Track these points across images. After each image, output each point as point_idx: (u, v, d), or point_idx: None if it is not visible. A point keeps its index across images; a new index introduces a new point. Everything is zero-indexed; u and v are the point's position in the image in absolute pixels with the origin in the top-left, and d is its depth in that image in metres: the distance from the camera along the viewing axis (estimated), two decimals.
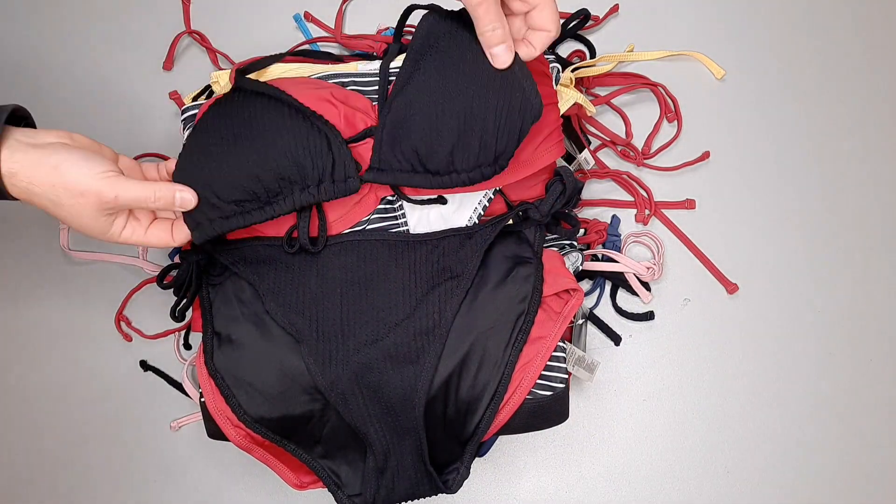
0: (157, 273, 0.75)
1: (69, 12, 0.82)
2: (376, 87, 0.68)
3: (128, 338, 0.75)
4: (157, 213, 0.60)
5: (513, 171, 0.62)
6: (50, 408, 0.75)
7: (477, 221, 0.66)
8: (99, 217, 0.54)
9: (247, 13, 0.82)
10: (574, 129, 0.75)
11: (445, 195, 0.64)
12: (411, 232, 0.65)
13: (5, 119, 0.52)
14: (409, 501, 0.64)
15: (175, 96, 0.78)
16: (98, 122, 0.79)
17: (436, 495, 0.63)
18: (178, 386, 0.74)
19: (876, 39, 0.80)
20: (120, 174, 0.55)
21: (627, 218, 0.76)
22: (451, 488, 0.63)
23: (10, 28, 0.82)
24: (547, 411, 0.64)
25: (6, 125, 0.52)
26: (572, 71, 0.74)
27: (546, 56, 0.68)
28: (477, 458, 0.69)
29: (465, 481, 0.71)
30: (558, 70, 0.68)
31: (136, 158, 0.77)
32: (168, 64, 0.80)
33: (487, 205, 0.66)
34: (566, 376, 0.65)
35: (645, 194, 0.76)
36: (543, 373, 0.63)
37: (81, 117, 0.79)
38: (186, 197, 0.57)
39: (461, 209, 0.65)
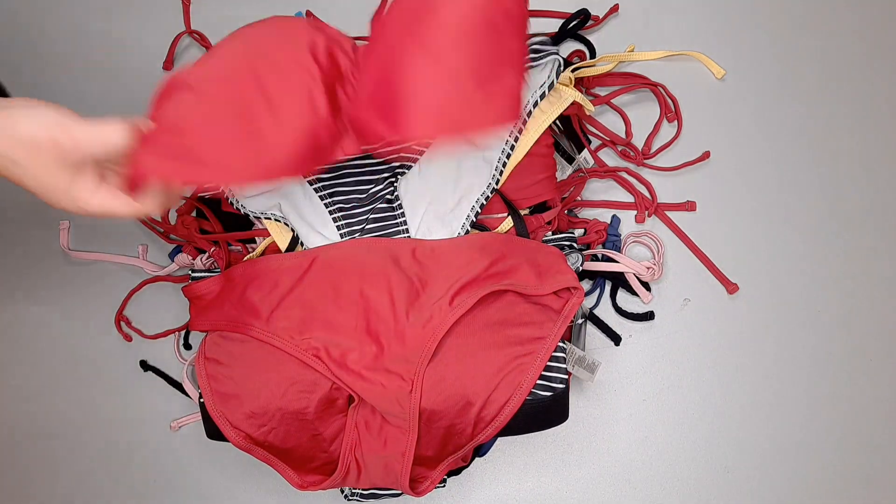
0: (157, 273, 0.75)
1: (69, 12, 0.82)
2: None
3: (128, 338, 0.75)
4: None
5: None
6: (50, 408, 0.75)
7: (474, 220, 0.66)
8: (59, 171, 0.49)
9: (247, 13, 0.81)
10: (574, 129, 0.75)
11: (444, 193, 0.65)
12: (412, 233, 0.66)
13: None
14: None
15: None
16: None
17: None
18: (178, 386, 0.74)
19: (876, 39, 0.80)
20: (79, 118, 0.50)
21: (627, 218, 0.76)
22: None
23: (10, 28, 0.82)
24: (547, 412, 0.64)
25: None
26: (572, 71, 0.74)
27: (547, 49, 0.67)
28: (477, 458, 0.69)
29: (466, 481, 0.71)
30: (559, 63, 0.67)
31: None
32: (168, 64, 0.80)
33: (485, 202, 0.66)
34: (566, 376, 0.65)
35: (646, 191, 0.76)
36: (543, 373, 0.63)
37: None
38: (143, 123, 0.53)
39: (458, 208, 0.66)
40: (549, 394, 0.63)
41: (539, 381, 0.63)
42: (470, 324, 0.62)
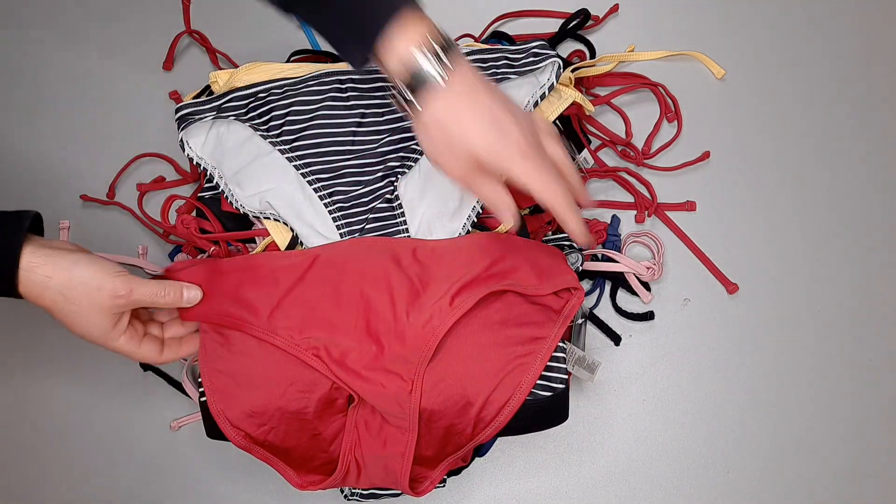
0: (157, 273, 0.75)
1: (69, 12, 0.82)
2: (374, 85, 0.68)
3: None
4: (147, 330, 0.62)
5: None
6: (49, 408, 0.75)
7: (475, 220, 0.66)
8: (105, 316, 0.57)
9: (247, 13, 0.82)
10: (574, 129, 0.75)
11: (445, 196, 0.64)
12: (411, 233, 0.65)
13: (27, 226, 0.55)
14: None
15: (175, 96, 0.78)
16: (98, 122, 0.79)
17: None
18: (178, 386, 0.74)
19: (876, 39, 0.80)
20: (131, 274, 0.58)
21: (627, 218, 0.76)
22: None
23: (11, 28, 0.82)
24: (546, 412, 0.64)
25: (28, 232, 0.55)
26: (572, 71, 0.74)
27: (547, 52, 0.68)
28: (477, 458, 0.69)
29: (466, 481, 0.71)
30: (559, 65, 0.68)
31: (136, 158, 0.78)
32: (168, 64, 0.80)
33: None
34: (566, 377, 0.65)
35: (645, 191, 0.76)
36: (543, 373, 0.63)
37: (82, 117, 0.80)
38: (193, 294, 0.62)
39: (459, 209, 0.66)
40: (548, 394, 0.63)
41: (539, 381, 0.63)
42: (470, 324, 0.62)
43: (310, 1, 0.51)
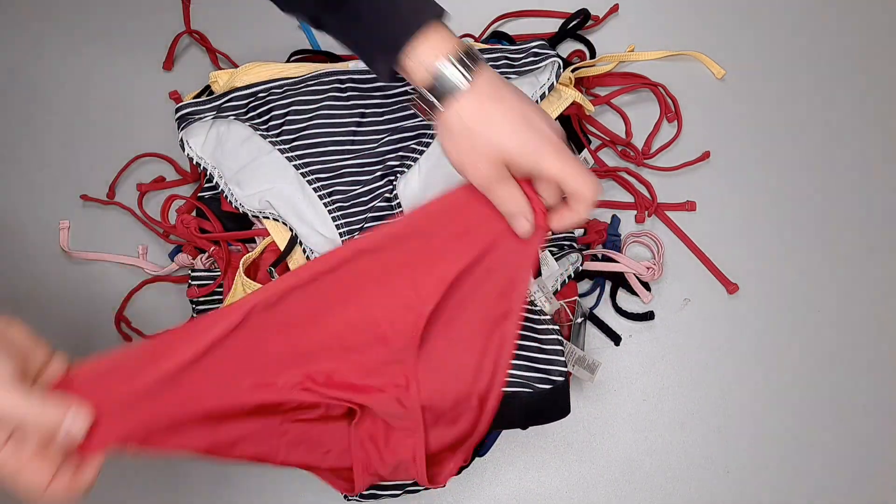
0: (157, 273, 0.75)
1: (69, 12, 0.82)
2: (373, 85, 0.68)
3: (128, 338, 0.75)
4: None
5: None
6: None
7: None
8: None
9: (247, 13, 0.82)
10: (574, 129, 0.75)
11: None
12: None
13: None
14: None
15: (175, 96, 0.79)
16: (98, 122, 0.79)
17: None
18: None
19: (876, 39, 0.80)
20: (14, 380, 0.44)
21: (627, 218, 0.76)
22: None
23: (11, 28, 0.82)
24: (547, 405, 0.63)
25: None
26: (572, 71, 0.74)
27: (546, 52, 0.68)
28: (477, 458, 0.69)
29: (466, 481, 0.71)
30: (559, 65, 0.68)
31: (136, 158, 0.78)
32: (168, 64, 0.80)
33: None
34: (565, 369, 0.64)
35: (645, 191, 0.76)
36: (541, 366, 0.63)
37: (82, 117, 0.80)
38: (77, 428, 0.46)
39: None
40: (548, 386, 0.63)
41: (538, 374, 0.62)
42: (446, 308, 0.58)
43: (340, 18, 0.51)
